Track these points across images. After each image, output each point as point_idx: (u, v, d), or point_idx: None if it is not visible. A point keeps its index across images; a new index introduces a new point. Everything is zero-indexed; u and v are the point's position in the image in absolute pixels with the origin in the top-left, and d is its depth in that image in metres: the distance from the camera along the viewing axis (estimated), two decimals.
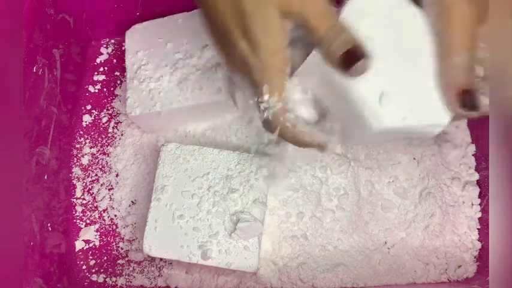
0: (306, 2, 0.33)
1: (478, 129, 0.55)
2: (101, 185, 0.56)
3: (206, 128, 0.55)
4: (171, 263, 0.52)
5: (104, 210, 0.55)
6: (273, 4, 0.33)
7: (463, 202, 0.53)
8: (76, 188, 0.56)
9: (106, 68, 0.61)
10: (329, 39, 0.33)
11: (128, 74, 0.54)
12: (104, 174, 0.56)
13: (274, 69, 0.35)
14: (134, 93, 0.52)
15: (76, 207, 0.55)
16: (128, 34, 0.56)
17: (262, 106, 0.36)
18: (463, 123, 0.56)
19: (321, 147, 0.38)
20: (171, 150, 0.49)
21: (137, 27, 0.56)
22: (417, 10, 0.35)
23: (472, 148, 0.55)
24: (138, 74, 0.53)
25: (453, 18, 0.34)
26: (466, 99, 0.33)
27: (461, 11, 0.33)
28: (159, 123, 0.55)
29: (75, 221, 0.55)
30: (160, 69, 0.53)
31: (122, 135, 0.58)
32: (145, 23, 0.56)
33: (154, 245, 0.46)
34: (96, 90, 0.60)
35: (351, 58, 0.33)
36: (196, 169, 0.48)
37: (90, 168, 0.57)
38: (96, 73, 0.61)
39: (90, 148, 0.57)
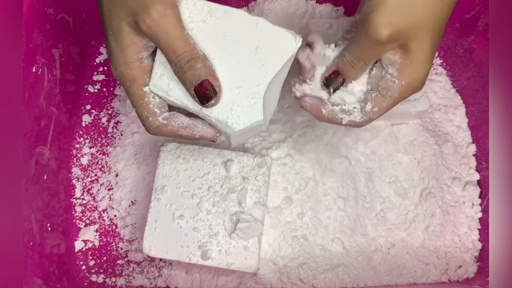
0: (153, 24, 0.34)
1: (479, 129, 0.55)
2: (101, 185, 0.56)
3: None
4: (170, 263, 0.52)
5: (104, 211, 0.55)
6: (124, 21, 0.35)
7: (464, 202, 0.53)
8: (75, 188, 0.56)
9: (106, 68, 0.61)
10: (181, 67, 0.35)
11: None
12: (104, 174, 0.56)
13: (128, 79, 0.37)
14: None
15: (76, 207, 0.55)
16: None
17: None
18: (464, 123, 0.56)
19: (211, 138, 0.39)
20: (171, 150, 0.49)
21: None
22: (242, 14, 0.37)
23: (473, 148, 0.55)
24: None
25: (363, 31, 0.35)
26: (330, 77, 0.39)
27: (372, 31, 0.34)
28: None
29: (74, 221, 0.54)
30: None
31: (121, 135, 0.58)
32: None
33: (154, 245, 0.46)
34: (96, 90, 0.60)
35: (204, 90, 0.35)
36: (196, 169, 0.48)
37: (89, 168, 0.57)
38: (95, 73, 0.61)
39: (90, 148, 0.57)
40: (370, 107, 0.39)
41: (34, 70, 0.47)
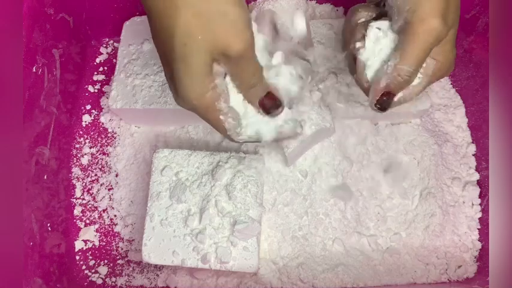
0: (244, 50, 0.34)
1: (479, 129, 0.55)
2: (101, 185, 0.56)
3: (208, 127, 0.55)
4: None
5: (104, 210, 0.55)
6: (207, 52, 0.34)
7: (464, 202, 0.53)
8: (76, 188, 0.56)
9: (106, 68, 0.61)
10: (250, 84, 0.37)
11: (117, 66, 0.54)
12: (104, 174, 0.56)
13: (203, 108, 0.36)
14: (119, 86, 0.53)
15: (76, 207, 0.55)
16: (126, 26, 0.56)
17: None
18: (464, 123, 0.56)
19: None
20: (164, 157, 0.49)
21: (135, 19, 0.56)
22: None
23: (472, 148, 0.55)
24: (126, 68, 0.54)
25: (419, 32, 0.36)
26: (383, 100, 0.38)
27: (429, 28, 0.35)
28: (141, 119, 0.55)
29: (74, 221, 0.54)
30: (148, 67, 0.53)
31: (121, 135, 0.58)
32: (144, 17, 0.56)
33: (153, 252, 0.46)
34: (96, 90, 0.60)
35: (270, 103, 0.38)
36: (190, 173, 0.48)
37: (89, 168, 0.57)
38: (95, 73, 0.61)
39: (90, 148, 0.57)
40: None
41: (34, 70, 0.47)
